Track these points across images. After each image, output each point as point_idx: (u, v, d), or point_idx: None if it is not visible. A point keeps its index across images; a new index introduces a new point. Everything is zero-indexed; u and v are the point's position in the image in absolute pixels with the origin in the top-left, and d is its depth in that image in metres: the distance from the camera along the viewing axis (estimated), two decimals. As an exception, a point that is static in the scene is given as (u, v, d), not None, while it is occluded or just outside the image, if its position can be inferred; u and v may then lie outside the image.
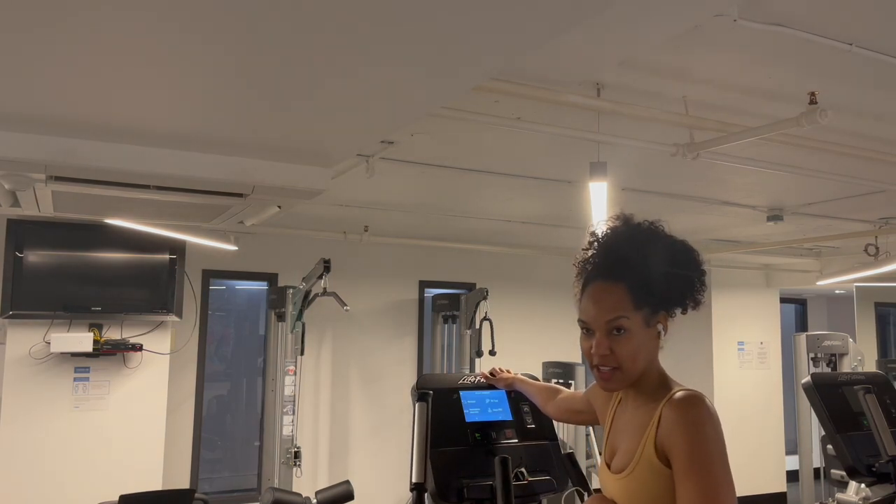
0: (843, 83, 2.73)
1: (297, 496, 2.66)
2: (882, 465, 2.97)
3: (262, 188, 2.72)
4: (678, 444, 1.38)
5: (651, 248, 1.51)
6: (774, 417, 7.74)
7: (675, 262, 1.51)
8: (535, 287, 7.17)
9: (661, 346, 1.55)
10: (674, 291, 1.51)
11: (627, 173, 3.97)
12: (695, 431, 1.38)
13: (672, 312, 1.53)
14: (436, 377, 2.66)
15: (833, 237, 5.75)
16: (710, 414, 1.41)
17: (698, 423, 1.39)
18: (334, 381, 6.38)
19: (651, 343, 1.51)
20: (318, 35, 1.59)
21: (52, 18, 1.50)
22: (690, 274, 1.52)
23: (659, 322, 1.51)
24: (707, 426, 1.38)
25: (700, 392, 1.46)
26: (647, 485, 1.43)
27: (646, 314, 1.49)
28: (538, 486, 2.21)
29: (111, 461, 4.95)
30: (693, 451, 1.36)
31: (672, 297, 1.51)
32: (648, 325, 1.49)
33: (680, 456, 1.37)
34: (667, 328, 1.52)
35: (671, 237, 1.54)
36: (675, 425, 1.40)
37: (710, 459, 1.35)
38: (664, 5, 1.97)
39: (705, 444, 1.36)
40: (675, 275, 1.50)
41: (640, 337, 1.49)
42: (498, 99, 2.72)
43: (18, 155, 2.33)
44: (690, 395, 1.45)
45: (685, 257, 1.53)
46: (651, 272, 1.48)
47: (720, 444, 1.38)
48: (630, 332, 1.48)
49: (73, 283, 4.98)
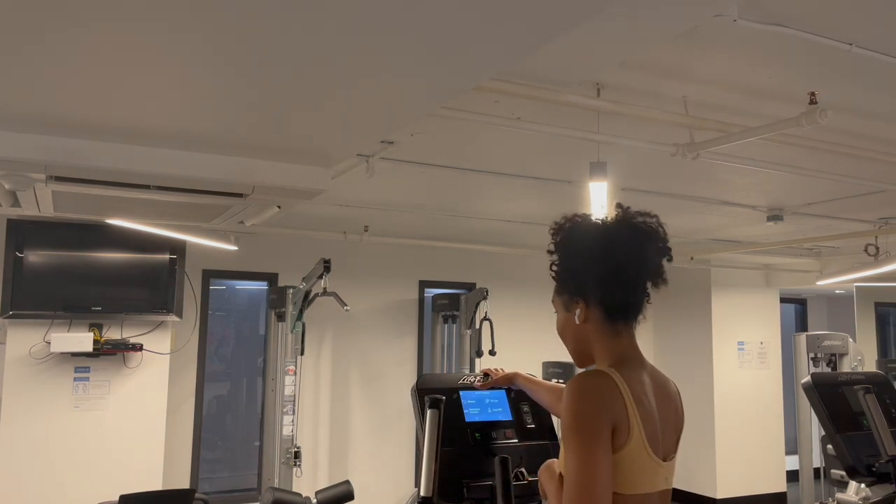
0: (843, 83, 2.73)
1: (297, 496, 2.66)
2: (882, 465, 2.97)
3: (262, 188, 2.72)
4: (562, 418, 1.48)
5: (568, 239, 1.62)
6: (774, 417, 7.74)
7: (586, 252, 1.58)
8: (536, 287, 7.16)
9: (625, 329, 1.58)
10: (577, 281, 1.59)
11: (627, 173, 3.97)
12: (566, 405, 1.46)
13: (595, 299, 1.56)
14: (436, 377, 2.67)
15: (833, 237, 5.75)
16: (591, 388, 1.47)
17: (570, 396, 1.46)
18: (334, 381, 6.38)
19: (573, 326, 1.61)
20: (318, 36, 1.59)
21: (53, 19, 1.50)
22: (607, 262, 1.55)
23: (577, 308, 1.59)
24: (578, 400, 1.45)
25: (605, 370, 1.52)
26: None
27: (564, 300, 1.63)
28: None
29: (111, 461, 4.95)
30: (567, 424, 1.45)
31: (577, 286, 1.59)
32: (567, 310, 1.62)
33: (563, 429, 1.47)
34: (584, 314, 1.57)
35: (597, 228, 1.60)
36: (563, 400, 1.49)
37: (574, 432, 1.43)
38: (664, 5, 1.97)
39: (572, 417, 1.44)
40: (582, 264, 1.58)
41: (562, 319, 1.65)
42: (498, 99, 2.72)
43: (18, 155, 2.33)
44: (586, 371, 1.56)
45: (604, 245, 1.56)
46: (561, 261, 1.63)
47: (589, 418, 1.43)
48: (557, 313, 1.67)
49: (73, 283, 4.98)
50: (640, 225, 1.56)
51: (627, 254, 1.55)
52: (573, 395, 1.46)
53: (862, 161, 3.48)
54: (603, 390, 1.46)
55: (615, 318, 1.57)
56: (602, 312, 1.57)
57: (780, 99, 2.86)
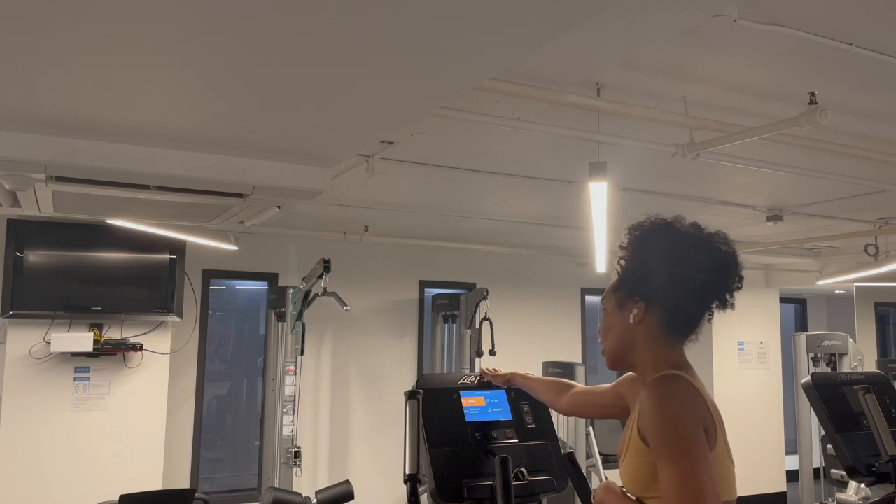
0: (843, 83, 2.73)
1: (297, 496, 2.67)
2: (882, 465, 2.97)
3: (262, 188, 2.72)
4: (650, 425, 1.40)
5: (647, 239, 1.57)
6: (774, 417, 7.74)
7: (664, 258, 1.54)
8: (535, 287, 7.17)
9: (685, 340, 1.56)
10: (644, 282, 1.55)
11: (627, 173, 3.97)
12: (661, 411, 1.40)
13: (657, 302, 1.54)
14: (436, 377, 2.67)
15: (833, 237, 5.75)
16: (681, 393, 1.43)
17: (665, 402, 1.41)
18: (334, 381, 6.38)
19: (624, 327, 1.58)
20: (318, 36, 1.59)
21: (53, 19, 1.50)
22: (683, 272, 1.53)
23: (634, 308, 1.56)
24: (672, 405, 1.40)
25: (681, 374, 1.48)
26: (637, 466, 1.46)
27: (620, 297, 1.60)
28: (538, 486, 2.21)
29: (111, 461, 4.95)
30: (662, 431, 1.38)
31: (641, 287, 1.56)
32: (621, 309, 1.59)
33: (654, 437, 1.39)
34: (640, 314, 1.55)
35: (684, 238, 1.56)
36: (646, 407, 1.43)
37: (679, 437, 1.35)
38: (664, 5, 1.97)
39: (672, 422, 1.38)
40: (656, 268, 1.54)
41: (613, 317, 1.62)
42: (498, 99, 2.72)
43: (18, 155, 2.33)
44: (665, 376, 1.48)
45: (685, 255, 1.53)
46: (632, 259, 1.59)
47: (689, 423, 1.38)
48: (607, 311, 1.64)
49: (73, 283, 4.98)
50: (726, 250, 1.57)
51: (710, 273, 1.54)
52: (662, 400, 1.41)
53: (862, 161, 3.48)
54: (687, 392, 1.43)
55: (673, 329, 1.56)
56: (660, 319, 1.55)
57: (780, 99, 2.86)
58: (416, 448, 2.11)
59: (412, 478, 2.04)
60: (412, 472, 2.06)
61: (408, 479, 2.04)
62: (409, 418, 2.19)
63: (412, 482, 2.04)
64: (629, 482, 1.51)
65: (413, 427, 2.16)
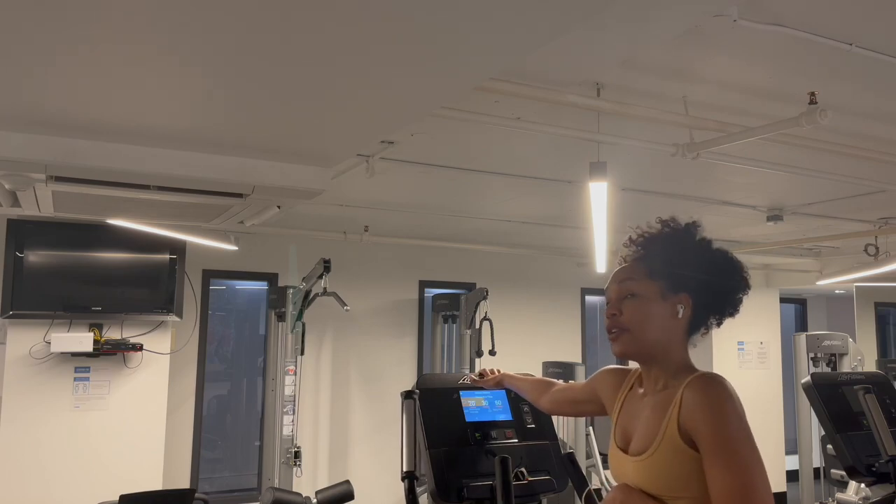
0: (843, 83, 2.72)
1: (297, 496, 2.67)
2: (882, 465, 2.97)
3: (262, 188, 2.72)
4: (702, 425, 1.39)
5: (681, 236, 1.59)
6: (774, 417, 7.74)
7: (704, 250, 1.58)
8: (535, 287, 7.17)
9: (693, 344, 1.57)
10: (697, 275, 1.55)
11: (627, 173, 3.96)
12: (717, 411, 1.40)
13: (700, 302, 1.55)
14: (435, 377, 2.67)
15: (833, 237, 5.75)
16: (731, 394, 1.44)
17: (719, 402, 1.41)
18: (334, 381, 6.38)
19: (667, 318, 1.54)
20: (319, 36, 1.59)
21: (52, 19, 1.50)
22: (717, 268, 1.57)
23: (680, 302, 1.54)
24: (728, 405, 1.41)
25: (713, 374, 1.49)
26: (670, 465, 1.43)
27: (662, 287, 1.54)
28: (538, 486, 2.21)
29: (111, 461, 4.95)
30: (718, 432, 1.37)
31: (694, 281, 1.55)
32: (664, 298, 1.54)
33: (706, 438, 1.38)
34: (689, 311, 1.54)
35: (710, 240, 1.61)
36: (697, 406, 1.42)
37: (735, 438, 1.37)
38: (664, 5, 1.97)
39: (728, 423, 1.39)
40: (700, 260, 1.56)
41: (652, 307, 1.54)
42: (498, 99, 2.72)
43: (18, 155, 2.33)
44: (711, 375, 1.49)
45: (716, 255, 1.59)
46: (675, 251, 1.56)
47: (744, 423, 1.40)
48: (639, 297, 1.54)
49: (73, 283, 4.98)
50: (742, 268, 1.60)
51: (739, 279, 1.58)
52: (728, 400, 1.41)
53: (862, 161, 3.48)
54: (737, 397, 1.45)
55: (694, 331, 1.58)
56: (692, 319, 1.56)
57: (780, 99, 2.86)
58: (412, 446, 2.14)
59: (409, 475, 2.06)
60: (409, 469, 2.08)
61: (405, 477, 2.06)
62: (406, 418, 2.21)
63: (409, 479, 2.06)
64: (653, 481, 1.46)
65: (409, 426, 2.19)
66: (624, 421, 1.65)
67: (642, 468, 1.49)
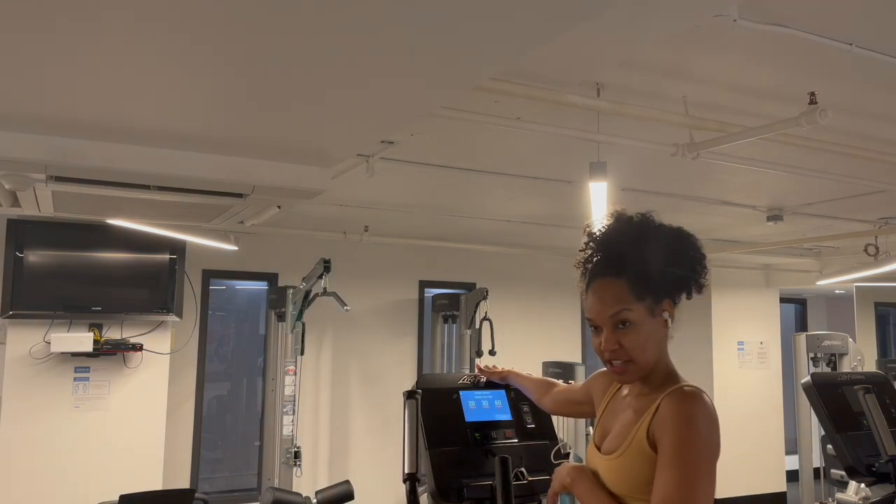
0: (843, 83, 2.73)
1: (297, 496, 2.67)
2: (882, 465, 2.97)
3: (262, 188, 2.72)
4: (668, 433, 1.40)
5: (646, 239, 1.54)
6: (774, 417, 7.74)
7: (671, 250, 1.54)
8: (535, 287, 7.16)
9: (671, 336, 1.56)
10: (674, 278, 1.53)
11: (627, 173, 3.96)
12: (687, 425, 1.40)
13: (676, 299, 1.55)
14: (435, 377, 2.68)
15: (833, 237, 5.75)
16: (707, 411, 1.43)
17: (692, 417, 1.41)
18: (334, 381, 6.38)
19: (659, 332, 1.53)
20: (318, 36, 1.59)
21: (53, 19, 1.50)
22: (688, 259, 1.54)
23: (664, 310, 1.52)
24: (700, 422, 1.41)
25: (703, 390, 1.49)
26: (635, 467, 1.46)
27: (649, 304, 1.51)
28: (538, 486, 2.21)
29: (111, 461, 4.95)
30: (681, 443, 1.38)
31: (673, 284, 1.53)
32: (653, 315, 1.51)
33: (667, 445, 1.39)
34: (673, 316, 1.54)
35: (664, 225, 1.57)
36: (668, 415, 1.42)
37: (695, 454, 1.37)
38: (664, 5, 1.97)
39: (694, 439, 1.39)
40: (672, 262, 1.52)
41: (647, 327, 1.51)
42: (498, 99, 2.72)
43: (18, 155, 2.33)
44: (692, 389, 1.47)
45: (681, 243, 1.55)
46: (649, 263, 1.51)
47: (710, 443, 1.40)
48: (635, 324, 1.50)
49: (73, 283, 4.98)
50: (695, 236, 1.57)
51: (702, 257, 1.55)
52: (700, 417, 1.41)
53: (862, 161, 3.48)
54: (714, 412, 1.44)
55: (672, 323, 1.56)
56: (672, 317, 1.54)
57: (780, 99, 2.86)
58: (414, 447, 2.13)
59: (411, 476, 2.05)
60: (411, 470, 2.07)
61: (407, 478, 2.05)
62: (408, 418, 2.20)
63: (411, 481, 2.05)
64: (617, 480, 1.50)
65: (412, 426, 2.18)
66: (604, 420, 1.67)
67: (610, 467, 1.53)
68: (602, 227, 1.63)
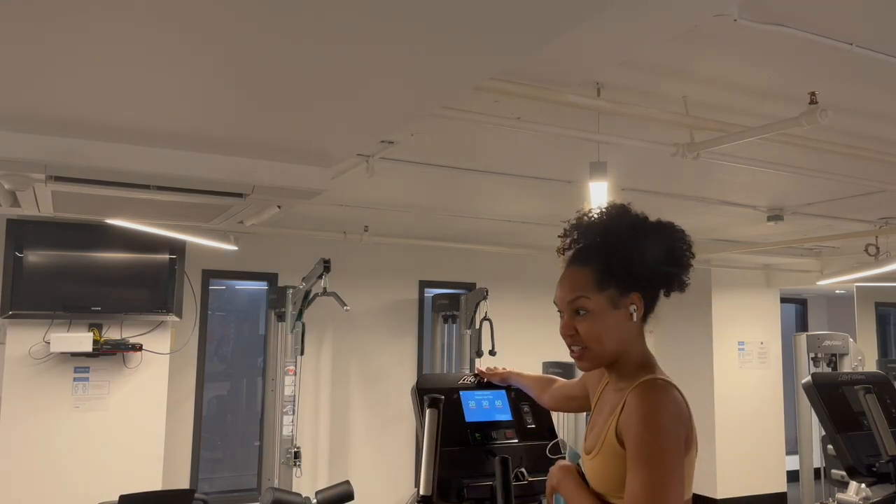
0: (843, 83, 2.72)
1: (297, 496, 2.67)
2: (882, 465, 2.96)
3: (262, 188, 2.72)
4: (632, 430, 1.39)
5: (617, 231, 1.53)
6: (774, 417, 7.73)
7: (648, 243, 1.51)
8: (536, 287, 7.15)
9: (649, 331, 1.55)
10: (644, 271, 1.51)
11: (627, 173, 3.97)
12: (648, 420, 1.38)
13: (648, 293, 1.52)
14: (436, 377, 2.67)
15: (833, 237, 5.75)
16: (671, 403, 1.41)
17: (654, 411, 1.39)
18: (334, 381, 6.38)
19: (622, 324, 1.51)
20: (318, 36, 1.59)
21: (53, 19, 1.50)
22: (667, 254, 1.52)
23: (631, 303, 1.50)
24: (662, 415, 1.39)
25: (669, 381, 1.47)
26: (609, 466, 1.45)
27: (611, 295, 1.49)
28: (538, 486, 2.20)
29: (111, 461, 4.95)
30: (643, 439, 1.36)
31: (644, 278, 1.51)
32: (616, 307, 1.50)
33: (631, 443, 1.38)
34: (641, 309, 1.51)
35: (645, 219, 1.55)
36: (633, 411, 1.41)
37: (659, 452, 1.35)
38: (664, 5, 1.97)
39: (657, 435, 1.37)
40: (646, 256, 1.50)
41: (606, 318, 1.50)
42: (498, 99, 2.72)
43: (18, 155, 2.33)
44: (655, 381, 1.45)
45: (660, 238, 1.53)
46: (615, 253, 1.50)
47: (674, 435, 1.37)
48: (592, 312, 1.50)
49: (73, 283, 4.98)
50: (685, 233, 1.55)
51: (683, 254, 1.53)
52: (651, 410, 1.39)
53: (862, 161, 3.48)
54: (680, 404, 1.42)
55: (648, 317, 1.54)
56: (645, 312, 1.53)
57: (780, 99, 2.86)
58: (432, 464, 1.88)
59: (426, 500, 1.83)
60: (426, 493, 1.83)
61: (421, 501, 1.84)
62: (428, 430, 1.95)
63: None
64: (597, 480, 1.50)
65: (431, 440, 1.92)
66: (594, 416, 1.67)
67: (590, 466, 1.53)
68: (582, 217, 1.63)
